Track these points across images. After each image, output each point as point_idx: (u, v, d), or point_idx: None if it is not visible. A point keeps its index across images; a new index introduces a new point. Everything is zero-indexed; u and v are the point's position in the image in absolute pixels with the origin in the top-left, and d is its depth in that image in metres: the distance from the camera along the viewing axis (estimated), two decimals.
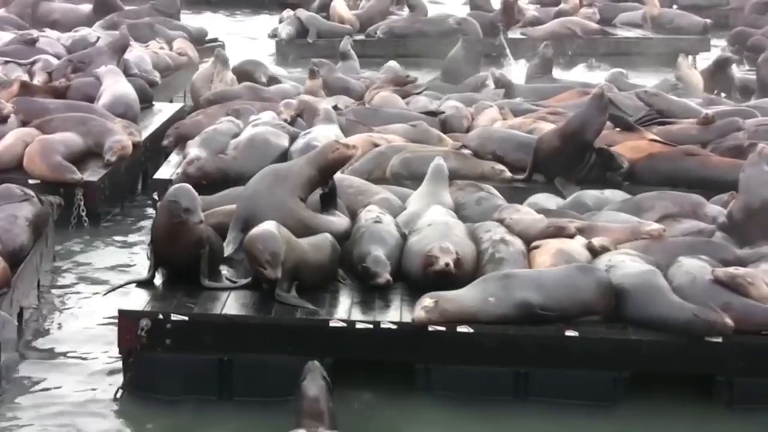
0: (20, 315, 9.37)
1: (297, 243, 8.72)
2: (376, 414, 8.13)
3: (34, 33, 16.91)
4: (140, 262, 10.76)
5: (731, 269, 8.48)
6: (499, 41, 20.83)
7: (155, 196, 11.29)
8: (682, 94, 14.99)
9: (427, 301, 8.25)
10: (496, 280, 8.43)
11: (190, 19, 22.61)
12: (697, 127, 12.84)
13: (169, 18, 20.53)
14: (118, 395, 8.30)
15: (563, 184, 11.40)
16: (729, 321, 8.11)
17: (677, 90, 15.28)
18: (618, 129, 12.54)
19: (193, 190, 8.73)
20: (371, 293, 8.76)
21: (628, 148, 12.01)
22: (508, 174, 11.71)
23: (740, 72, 17.88)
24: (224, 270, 9.12)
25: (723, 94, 16.55)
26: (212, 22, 23.87)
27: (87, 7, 21.18)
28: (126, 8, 20.98)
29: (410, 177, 11.09)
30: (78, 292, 10.42)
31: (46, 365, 8.92)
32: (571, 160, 11.57)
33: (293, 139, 12.07)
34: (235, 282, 8.87)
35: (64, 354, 9.09)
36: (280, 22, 23.01)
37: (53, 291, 10.40)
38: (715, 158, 11.81)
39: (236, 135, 12.20)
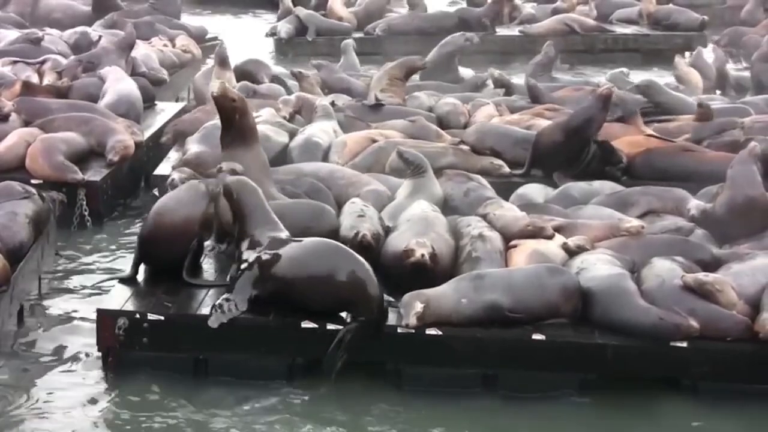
0: (20, 312, 9.46)
1: None
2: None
3: (39, 32, 16.96)
4: None
5: (701, 275, 8.49)
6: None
7: (156, 193, 11.38)
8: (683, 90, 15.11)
9: (418, 306, 8.32)
10: (468, 281, 8.54)
11: (186, 19, 22.62)
12: (694, 124, 12.92)
13: (168, 17, 20.60)
14: (103, 390, 8.47)
15: (561, 178, 11.48)
16: (694, 323, 8.15)
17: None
18: (621, 117, 12.67)
19: None
20: None
21: (626, 143, 12.09)
22: (507, 169, 11.80)
23: (735, 70, 17.91)
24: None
25: (718, 92, 16.64)
26: (209, 22, 23.89)
27: (87, 6, 21.22)
28: (125, 8, 21.05)
29: None
30: (79, 291, 10.47)
31: (46, 360, 9.01)
32: (571, 155, 11.67)
33: (292, 135, 12.20)
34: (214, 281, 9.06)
35: (63, 353, 9.15)
36: (278, 20, 23.08)
37: (54, 289, 10.46)
38: (711, 154, 11.86)
39: None
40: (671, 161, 11.73)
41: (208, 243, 9.56)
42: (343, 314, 8.41)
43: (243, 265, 8.55)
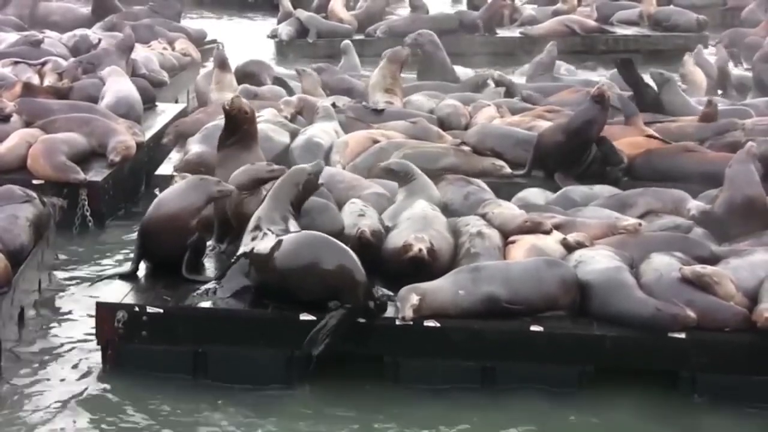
0: (21, 314, 9.46)
1: None
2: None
3: (38, 34, 16.98)
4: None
5: (698, 267, 8.50)
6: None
7: (157, 193, 11.36)
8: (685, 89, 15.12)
9: (413, 298, 8.34)
10: (466, 273, 8.56)
11: (185, 22, 22.66)
12: (695, 125, 12.92)
13: (168, 20, 20.62)
14: (102, 383, 8.51)
15: (563, 179, 11.48)
16: (691, 314, 8.17)
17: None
18: (623, 115, 12.71)
19: None
20: None
21: (627, 144, 12.08)
22: (508, 170, 11.79)
23: (736, 70, 17.94)
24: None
25: (720, 92, 16.66)
26: (209, 25, 23.91)
27: (86, 9, 21.25)
28: (125, 10, 21.08)
29: None
30: (80, 291, 10.48)
31: (46, 356, 9.04)
32: (573, 156, 11.66)
33: (294, 136, 12.21)
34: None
35: (63, 352, 9.17)
36: (279, 22, 23.12)
37: (55, 289, 10.47)
38: (712, 155, 11.85)
39: None
40: (672, 162, 11.73)
41: (208, 243, 9.58)
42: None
43: (234, 256, 8.74)
